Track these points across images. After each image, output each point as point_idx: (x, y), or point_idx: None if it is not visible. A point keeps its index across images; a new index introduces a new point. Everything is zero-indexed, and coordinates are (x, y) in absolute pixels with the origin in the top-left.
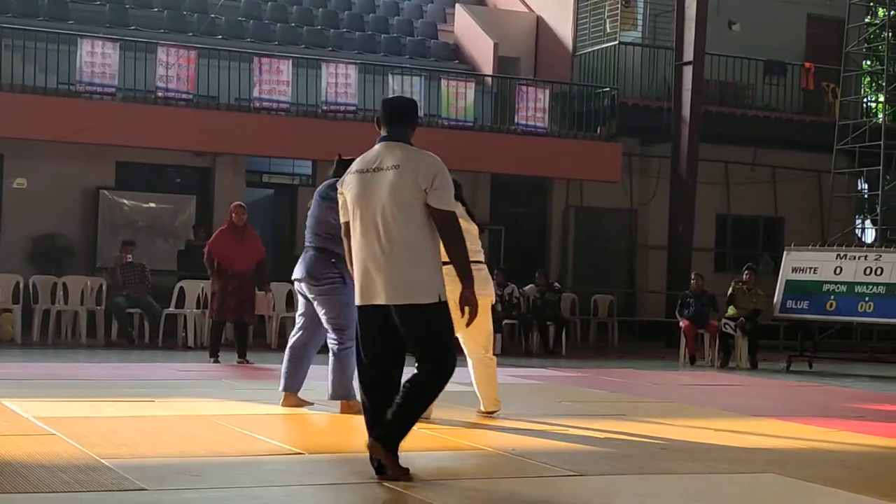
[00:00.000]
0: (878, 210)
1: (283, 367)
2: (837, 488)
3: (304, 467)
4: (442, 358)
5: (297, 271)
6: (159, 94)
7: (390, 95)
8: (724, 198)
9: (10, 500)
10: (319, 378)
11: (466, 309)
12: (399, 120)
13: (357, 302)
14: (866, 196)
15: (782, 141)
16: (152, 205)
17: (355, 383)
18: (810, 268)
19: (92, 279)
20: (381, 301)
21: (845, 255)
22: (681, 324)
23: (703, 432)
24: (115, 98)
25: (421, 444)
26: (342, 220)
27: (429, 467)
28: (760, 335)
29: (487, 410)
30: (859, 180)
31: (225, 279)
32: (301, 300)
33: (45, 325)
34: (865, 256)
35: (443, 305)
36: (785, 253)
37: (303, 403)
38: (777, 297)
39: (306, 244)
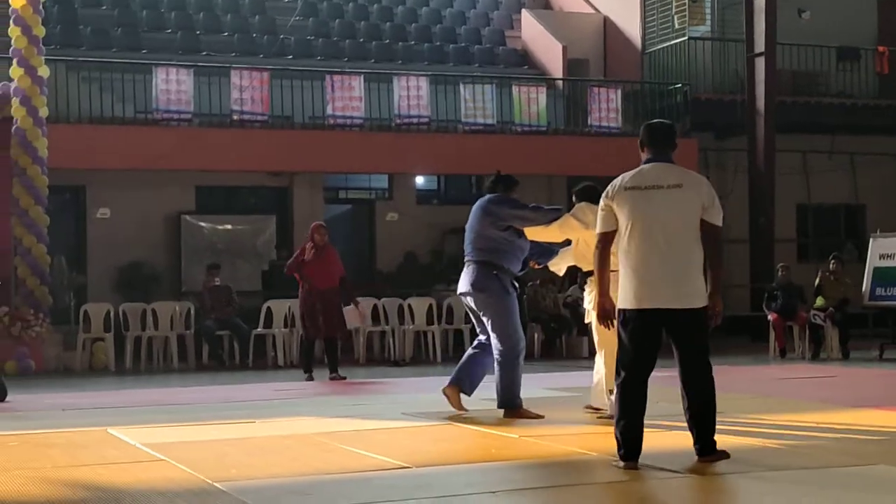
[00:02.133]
0: None
1: (460, 363)
2: None
3: (412, 481)
4: (708, 356)
5: (462, 285)
6: (234, 116)
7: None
8: (803, 187)
9: None
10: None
11: (714, 314)
12: (665, 142)
13: (632, 306)
14: None
15: (859, 127)
16: (233, 227)
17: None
18: None
19: (180, 304)
20: (665, 305)
21: None
22: (769, 317)
23: (805, 427)
24: (192, 124)
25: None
26: (603, 230)
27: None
28: (850, 324)
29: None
30: None
31: (311, 298)
32: (472, 314)
33: (136, 351)
34: None
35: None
36: (871, 240)
37: (460, 406)
38: (865, 285)
39: (467, 258)
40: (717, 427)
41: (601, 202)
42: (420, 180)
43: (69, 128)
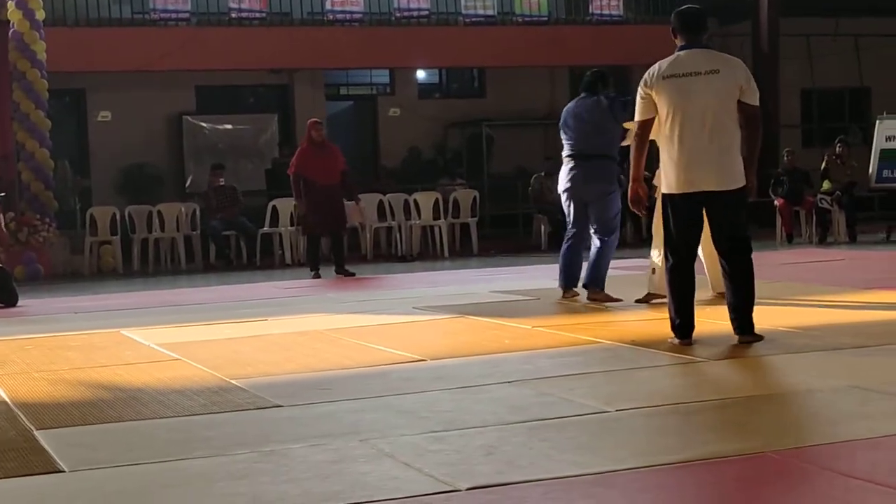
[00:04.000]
0: None
1: (560, 266)
2: None
3: (429, 373)
4: (748, 235)
5: (583, 177)
6: (232, 14)
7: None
8: (807, 72)
9: (155, 426)
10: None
11: (751, 190)
12: (698, 28)
13: (678, 190)
14: None
15: (863, 8)
16: (234, 126)
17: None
18: None
19: (185, 205)
20: (710, 188)
21: None
22: (776, 202)
23: (816, 310)
24: (190, 23)
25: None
26: (642, 117)
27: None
28: (857, 207)
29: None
30: None
31: (314, 195)
32: (572, 208)
33: (143, 253)
34: None
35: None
36: (877, 122)
37: (576, 295)
38: (872, 168)
39: (582, 151)
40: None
41: (640, 90)
42: (421, 74)
43: (66, 31)
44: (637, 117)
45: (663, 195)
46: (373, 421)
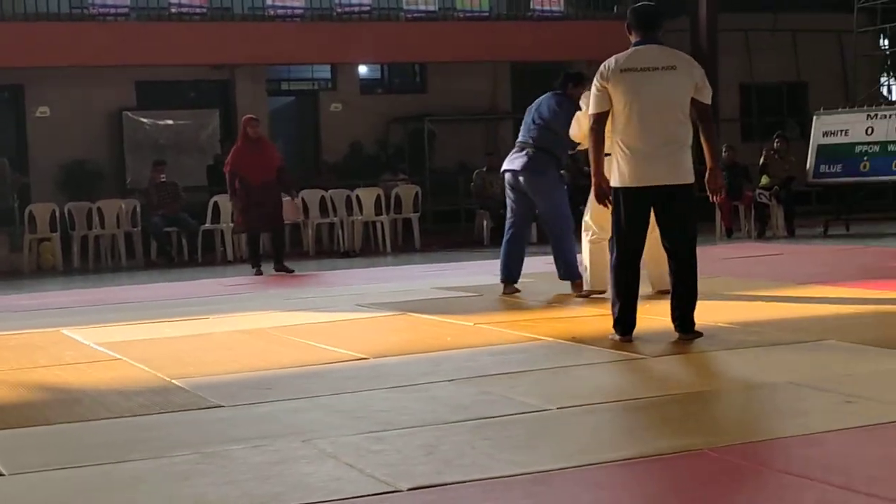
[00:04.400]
0: None
1: (501, 259)
2: None
3: (370, 371)
4: (695, 233)
5: (515, 164)
6: (172, 9)
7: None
8: (745, 66)
9: (94, 428)
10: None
11: (716, 188)
12: (654, 25)
13: (630, 184)
14: (888, 53)
15: (801, 3)
16: (175, 122)
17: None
18: (841, 130)
19: (125, 202)
20: (662, 182)
21: (876, 115)
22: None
23: (755, 304)
24: (129, 18)
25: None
26: (597, 110)
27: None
28: (795, 202)
29: (595, 290)
30: (881, 37)
31: (250, 192)
32: (514, 195)
33: (83, 251)
34: None
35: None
36: (814, 117)
37: (517, 291)
38: (809, 163)
39: (525, 141)
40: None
41: (595, 83)
42: (363, 70)
43: (3, 25)
44: (592, 110)
45: (614, 189)
46: (314, 421)
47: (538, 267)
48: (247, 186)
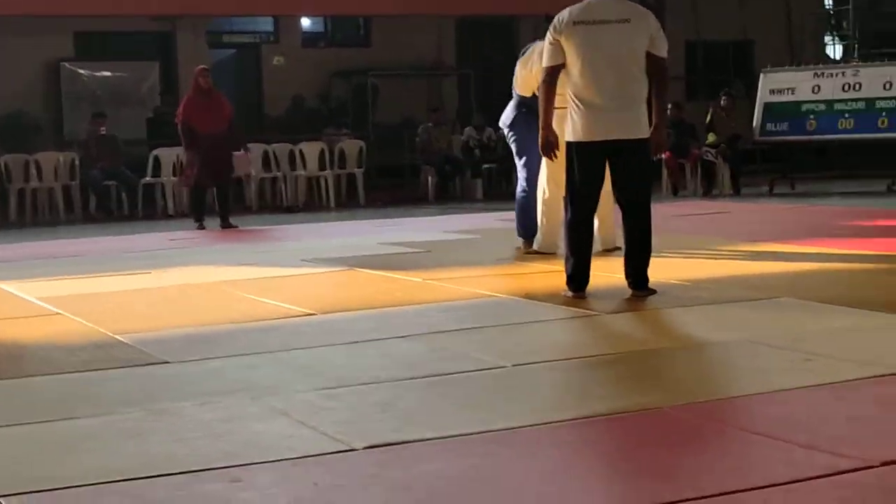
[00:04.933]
0: (852, 23)
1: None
2: (854, 307)
3: (319, 327)
4: (650, 189)
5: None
6: None
7: None
8: (692, 24)
9: (35, 384)
10: None
11: (659, 145)
12: None
13: (584, 138)
14: (833, 12)
15: None
16: (114, 74)
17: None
18: (788, 89)
19: (63, 154)
20: (616, 136)
21: (822, 74)
22: (661, 155)
23: (706, 262)
24: None
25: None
26: (550, 63)
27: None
28: (741, 160)
29: (542, 251)
30: None
31: (200, 144)
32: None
33: (21, 204)
34: (843, 73)
35: None
36: (761, 76)
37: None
38: (756, 121)
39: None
40: (620, 264)
41: (548, 36)
42: (306, 22)
43: None
44: (545, 63)
45: (568, 144)
46: (264, 377)
47: (488, 223)
48: (197, 138)
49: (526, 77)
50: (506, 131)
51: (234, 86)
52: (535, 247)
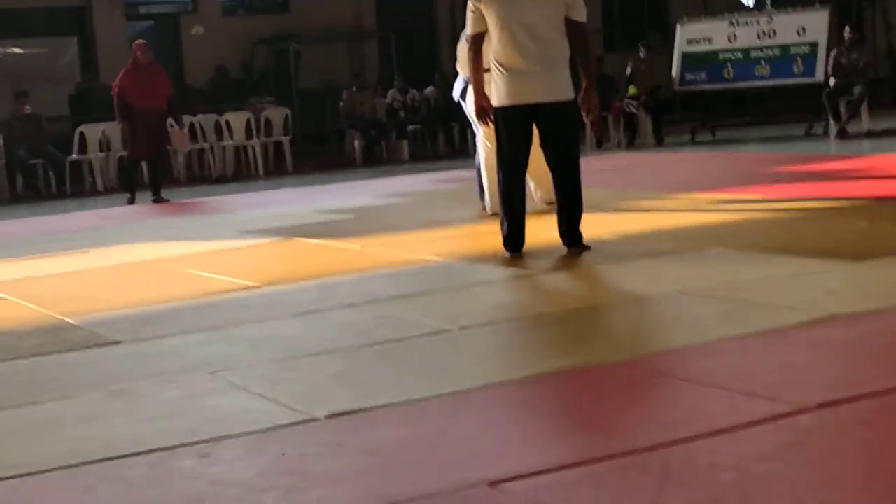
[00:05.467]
0: None
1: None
2: (784, 255)
3: (265, 300)
4: (577, 148)
5: None
6: None
7: None
8: None
9: None
10: None
11: (591, 107)
12: None
13: (509, 102)
14: None
15: None
16: (31, 51)
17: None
18: (705, 38)
19: None
20: (539, 99)
21: (738, 22)
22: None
23: (635, 216)
24: None
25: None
26: (474, 31)
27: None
28: (662, 111)
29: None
30: None
31: (136, 118)
32: None
33: None
34: (758, 21)
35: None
36: (678, 26)
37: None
38: (675, 71)
39: None
40: (551, 221)
41: (469, 4)
42: None
43: None
44: (468, 31)
45: (495, 109)
46: (217, 353)
47: (418, 185)
48: (134, 112)
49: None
50: (463, 103)
51: (154, 58)
52: (486, 210)
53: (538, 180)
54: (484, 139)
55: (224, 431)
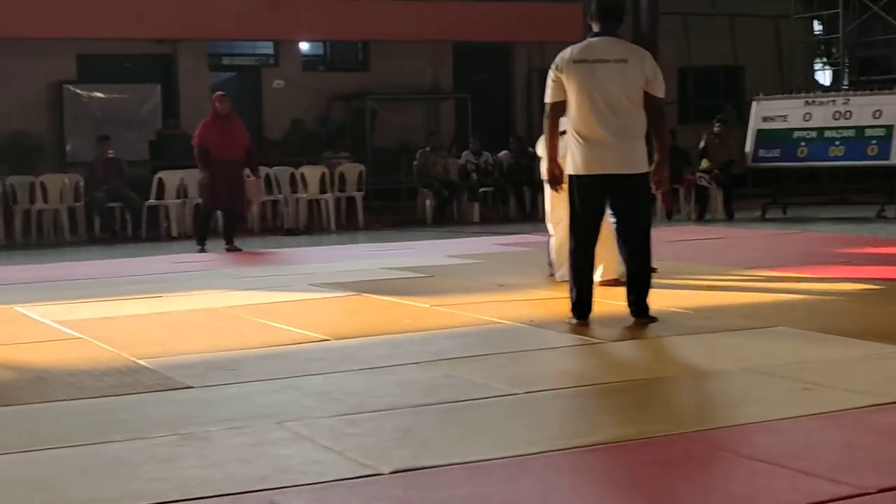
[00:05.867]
0: (841, 51)
1: None
2: (850, 336)
3: (335, 353)
4: (649, 221)
5: None
6: None
7: None
8: (684, 50)
9: (66, 409)
10: None
11: (661, 180)
12: (614, 17)
13: (584, 172)
14: (822, 40)
15: None
16: (116, 96)
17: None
18: (780, 116)
19: (68, 176)
20: (615, 171)
21: (814, 102)
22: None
23: (704, 290)
24: None
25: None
26: (553, 99)
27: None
28: (734, 186)
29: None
30: (814, 23)
31: (215, 168)
32: None
33: (26, 225)
34: (834, 101)
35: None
36: (754, 103)
37: None
38: (749, 147)
39: None
40: (620, 291)
41: (551, 73)
42: (305, 46)
43: None
44: (547, 99)
45: (570, 177)
46: (286, 403)
47: (487, 247)
48: (214, 162)
49: None
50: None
51: (234, 108)
52: (556, 278)
53: (603, 256)
54: (549, 209)
55: (291, 481)
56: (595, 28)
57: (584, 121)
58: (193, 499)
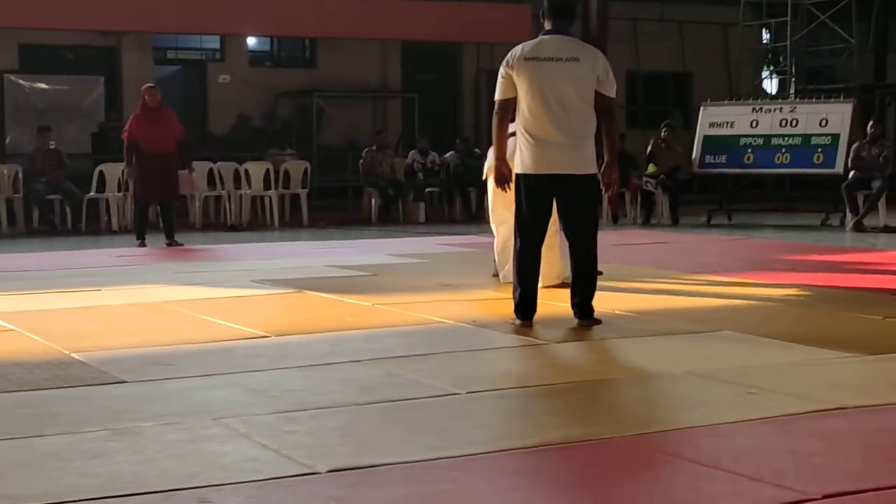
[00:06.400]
0: (789, 59)
1: None
2: (793, 342)
3: (274, 350)
4: (595, 222)
5: None
6: None
7: None
8: (633, 55)
9: None
10: None
11: (611, 182)
12: (566, 16)
13: (532, 171)
14: (770, 48)
15: None
16: (58, 87)
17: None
18: (727, 122)
19: (7, 167)
20: (563, 171)
21: (761, 109)
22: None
23: (649, 294)
24: None
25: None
26: (502, 96)
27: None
28: (680, 191)
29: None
30: (762, 31)
31: (146, 161)
32: None
33: None
34: (781, 109)
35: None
36: (701, 108)
37: None
38: (695, 153)
39: None
40: (564, 294)
41: (501, 70)
42: (252, 42)
43: None
44: (497, 96)
45: (517, 175)
46: (223, 399)
47: (432, 247)
48: (143, 156)
49: None
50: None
51: (178, 103)
52: (500, 279)
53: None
54: (491, 206)
55: (226, 478)
56: (547, 26)
57: (534, 119)
58: (126, 495)
